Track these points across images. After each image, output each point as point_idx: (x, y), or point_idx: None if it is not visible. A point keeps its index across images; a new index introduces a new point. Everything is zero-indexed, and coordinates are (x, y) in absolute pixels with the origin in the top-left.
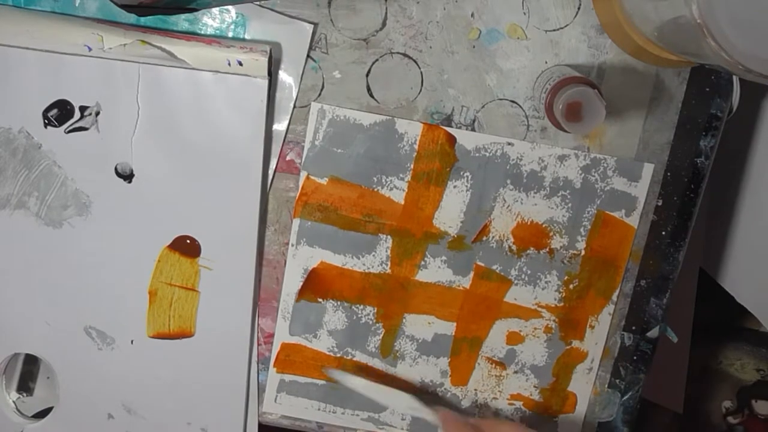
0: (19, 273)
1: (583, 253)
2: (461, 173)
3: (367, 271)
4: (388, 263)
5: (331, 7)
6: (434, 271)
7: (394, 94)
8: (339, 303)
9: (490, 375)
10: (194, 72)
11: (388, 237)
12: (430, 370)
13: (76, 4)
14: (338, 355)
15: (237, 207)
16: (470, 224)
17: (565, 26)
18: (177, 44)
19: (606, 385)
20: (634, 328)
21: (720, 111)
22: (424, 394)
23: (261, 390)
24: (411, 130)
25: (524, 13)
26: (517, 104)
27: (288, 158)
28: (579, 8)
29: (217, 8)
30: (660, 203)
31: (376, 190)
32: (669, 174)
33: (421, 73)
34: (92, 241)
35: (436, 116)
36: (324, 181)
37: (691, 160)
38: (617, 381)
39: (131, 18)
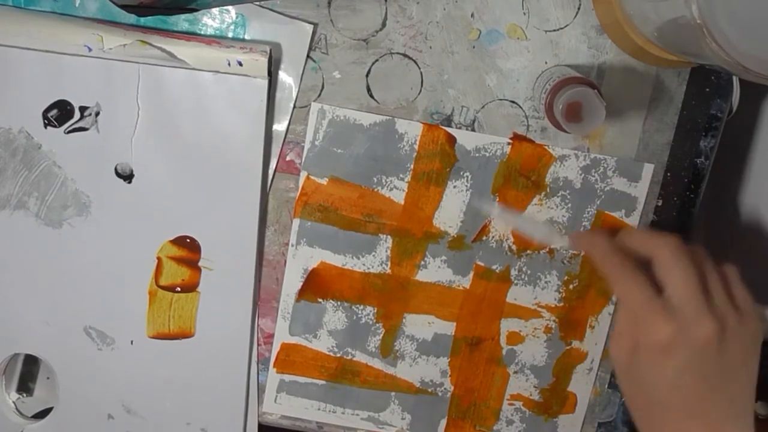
0: (19, 273)
1: (583, 253)
2: (461, 173)
3: (367, 271)
4: (388, 263)
5: (331, 7)
6: (434, 270)
7: (394, 95)
8: (339, 303)
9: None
10: (194, 72)
11: (388, 237)
12: (430, 370)
13: (76, 4)
14: (338, 355)
15: (237, 207)
16: (470, 224)
17: (565, 26)
18: (177, 44)
19: (606, 386)
20: None
21: (720, 111)
22: None
23: (261, 390)
24: (411, 130)
25: (524, 14)
26: (517, 104)
27: (288, 158)
28: (579, 8)
29: (217, 8)
30: (660, 203)
31: (376, 190)
32: (669, 174)
33: (421, 73)
34: (92, 241)
35: (436, 116)
36: (324, 181)
37: (691, 160)
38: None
39: (131, 18)
